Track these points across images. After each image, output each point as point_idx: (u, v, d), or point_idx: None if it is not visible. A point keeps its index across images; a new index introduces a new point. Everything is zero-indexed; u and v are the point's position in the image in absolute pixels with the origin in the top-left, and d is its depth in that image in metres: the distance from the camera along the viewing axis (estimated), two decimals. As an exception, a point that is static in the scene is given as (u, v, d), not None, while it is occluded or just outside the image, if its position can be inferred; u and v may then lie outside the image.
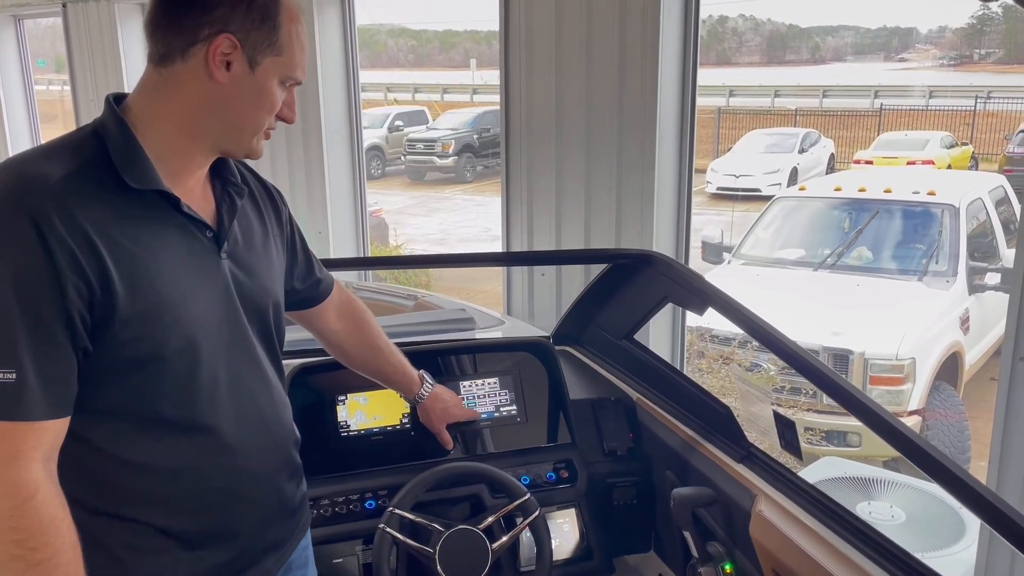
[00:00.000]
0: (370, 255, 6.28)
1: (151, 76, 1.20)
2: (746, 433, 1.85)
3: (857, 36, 41.52)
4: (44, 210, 1.06)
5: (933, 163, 14.71)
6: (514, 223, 4.17)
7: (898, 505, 3.61)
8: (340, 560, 1.84)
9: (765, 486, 1.67)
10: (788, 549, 1.52)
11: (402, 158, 18.64)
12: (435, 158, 18.17)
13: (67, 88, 6.79)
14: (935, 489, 4.56)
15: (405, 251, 9.91)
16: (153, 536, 1.23)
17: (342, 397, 2.00)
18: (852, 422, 5.87)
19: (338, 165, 5.14)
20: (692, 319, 4.29)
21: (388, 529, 1.72)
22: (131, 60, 6.20)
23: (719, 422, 1.86)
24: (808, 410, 5.92)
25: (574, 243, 3.98)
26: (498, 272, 4.88)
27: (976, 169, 15.68)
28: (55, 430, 1.11)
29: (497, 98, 4.17)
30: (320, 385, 2.00)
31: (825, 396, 5.98)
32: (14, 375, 1.05)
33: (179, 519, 1.25)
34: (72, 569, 1.09)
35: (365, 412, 2.01)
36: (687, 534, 1.76)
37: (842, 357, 5.88)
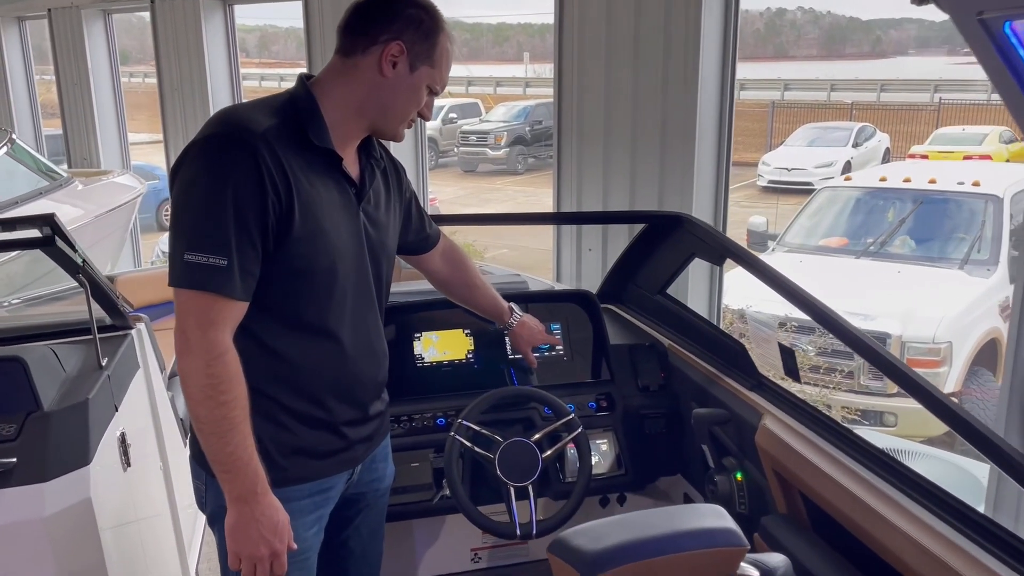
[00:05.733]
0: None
1: (336, 63, 1.56)
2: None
3: (920, 29, 40.62)
4: (258, 147, 1.42)
5: (991, 158, 14.52)
6: (564, 201, 4.54)
7: (925, 471, 3.91)
8: (416, 464, 2.22)
9: (771, 407, 2.00)
10: (787, 452, 1.85)
11: (455, 150, 19.03)
12: (487, 150, 18.50)
13: (142, 80, 7.30)
14: (965, 462, 4.78)
15: (458, 238, 10.34)
16: (279, 411, 1.57)
17: (418, 335, 2.38)
18: (888, 402, 6.10)
19: (404, 157, 5.57)
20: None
21: (457, 437, 2.10)
22: (213, 52, 6.68)
23: (735, 358, 2.19)
24: (847, 391, 6.16)
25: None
26: (548, 256, 5.23)
27: (1040, 163, 15.43)
28: (241, 310, 1.45)
29: (550, 91, 4.53)
30: (400, 323, 2.38)
31: (861, 378, 6.25)
32: (225, 262, 1.40)
33: (300, 402, 1.58)
34: (242, 413, 1.44)
35: (436, 347, 2.39)
36: (705, 448, 2.10)
37: (880, 340, 6.09)
